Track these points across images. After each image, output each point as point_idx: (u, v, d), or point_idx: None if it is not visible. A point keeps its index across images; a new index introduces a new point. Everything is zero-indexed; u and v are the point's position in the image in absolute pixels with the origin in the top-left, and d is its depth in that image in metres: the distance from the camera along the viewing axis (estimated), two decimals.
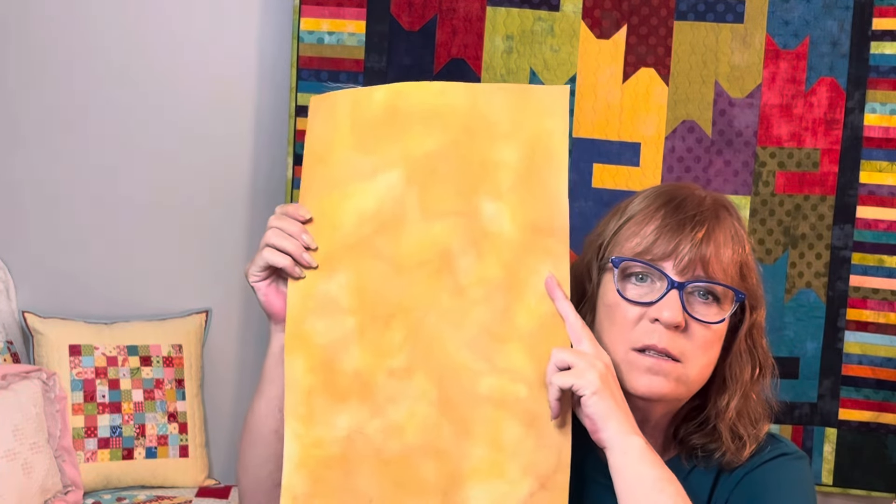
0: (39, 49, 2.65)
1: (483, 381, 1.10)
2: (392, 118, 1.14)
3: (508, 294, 1.10)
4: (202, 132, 2.68)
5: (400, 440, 1.10)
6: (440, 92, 1.15)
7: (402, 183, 1.12)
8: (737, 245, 1.14)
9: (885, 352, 2.54)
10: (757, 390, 1.18)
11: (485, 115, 1.13)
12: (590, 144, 2.55)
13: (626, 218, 1.17)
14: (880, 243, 2.53)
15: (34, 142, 2.67)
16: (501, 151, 1.12)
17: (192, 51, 2.66)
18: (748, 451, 1.16)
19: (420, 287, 1.11)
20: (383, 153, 1.13)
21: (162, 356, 2.60)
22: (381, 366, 1.11)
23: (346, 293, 1.12)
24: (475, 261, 1.11)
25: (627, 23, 2.53)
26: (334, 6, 2.50)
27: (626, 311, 1.13)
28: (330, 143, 1.15)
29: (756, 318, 1.17)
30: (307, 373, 1.12)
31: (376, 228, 1.12)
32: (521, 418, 1.09)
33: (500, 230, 1.11)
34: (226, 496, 2.51)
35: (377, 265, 1.12)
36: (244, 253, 2.68)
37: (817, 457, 2.59)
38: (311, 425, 1.11)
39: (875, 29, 2.50)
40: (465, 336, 1.10)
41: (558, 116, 1.12)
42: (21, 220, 2.69)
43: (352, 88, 1.18)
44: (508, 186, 1.11)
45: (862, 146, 2.52)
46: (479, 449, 1.09)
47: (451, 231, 1.11)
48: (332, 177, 1.14)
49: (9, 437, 2.25)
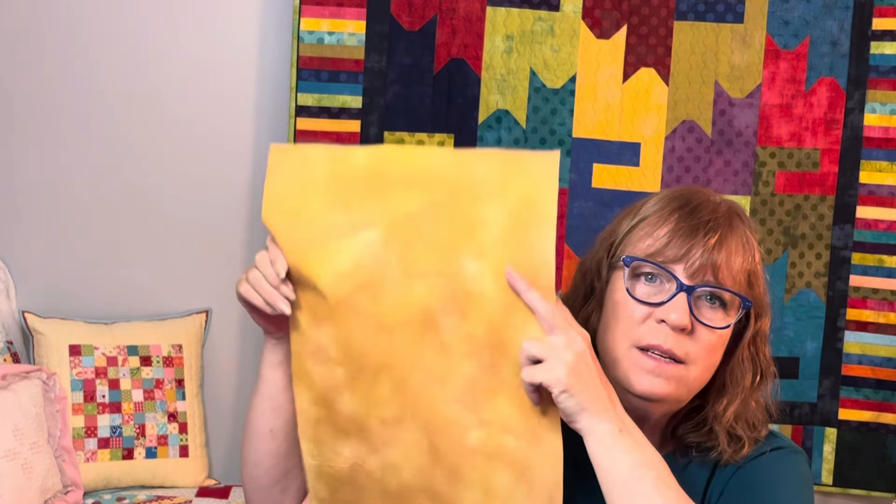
0: (39, 49, 2.65)
1: (471, 433, 1.09)
2: (374, 178, 1.10)
3: (494, 351, 1.07)
4: (202, 132, 2.68)
5: (397, 478, 1.11)
6: (427, 156, 1.12)
7: (381, 242, 1.09)
8: (747, 253, 1.16)
9: (885, 352, 2.54)
10: (757, 396, 1.19)
11: (471, 178, 1.08)
12: (590, 144, 2.55)
13: (639, 219, 1.18)
14: (880, 243, 2.54)
15: (34, 142, 2.67)
16: (485, 210, 1.07)
17: (193, 51, 2.66)
18: (746, 451, 1.16)
19: (404, 345, 1.09)
20: (362, 211, 1.10)
21: (162, 356, 2.60)
22: (372, 414, 1.11)
23: (334, 345, 1.11)
24: (458, 319, 1.08)
25: (627, 23, 2.53)
26: (334, 6, 2.50)
27: (633, 309, 1.13)
28: (303, 197, 1.12)
29: (761, 326, 1.18)
30: (312, 405, 1.13)
31: (356, 287, 1.09)
32: (512, 468, 1.08)
33: (482, 290, 1.07)
34: (226, 496, 2.51)
35: (359, 322, 1.10)
36: (244, 253, 2.68)
37: (817, 457, 2.59)
38: (319, 449, 1.15)
39: (875, 29, 2.50)
40: (452, 391, 1.09)
41: (548, 181, 1.07)
42: (21, 220, 2.69)
43: (325, 145, 1.14)
44: (491, 244, 1.07)
45: (862, 146, 2.52)
46: (472, 494, 1.10)
47: (431, 290, 1.08)
48: (309, 232, 1.11)
49: (9, 437, 2.25)
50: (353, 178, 1.11)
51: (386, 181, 1.10)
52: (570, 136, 2.54)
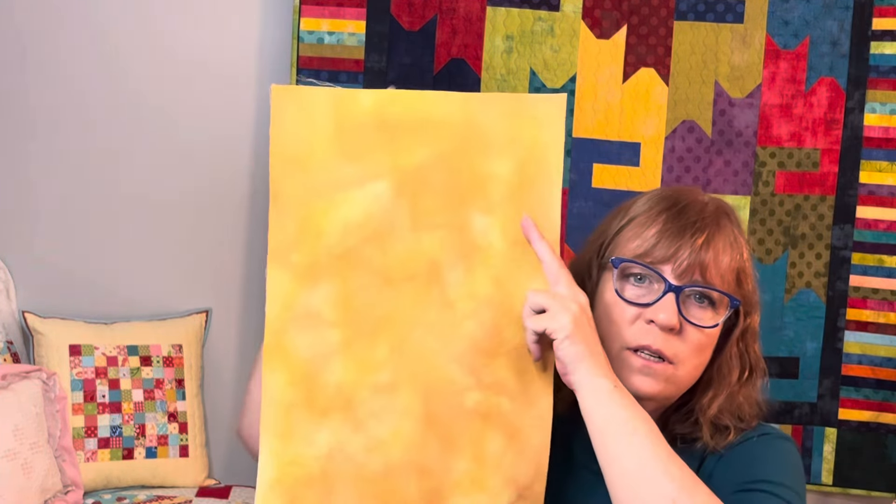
0: (40, 50, 2.65)
1: (469, 395, 1.10)
2: (381, 125, 1.10)
3: (498, 309, 1.10)
4: (202, 132, 2.68)
5: (382, 456, 1.09)
6: (434, 101, 1.11)
7: (391, 194, 1.10)
8: (735, 252, 1.16)
9: (885, 352, 2.54)
10: (746, 392, 1.20)
11: (479, 126, 1.10)
12: (590, 144, 2.55)
13: (628, 219, 1.19)
14: (880, 243, 2.54)
15: (34, 142, 2.67)
16: (494, 164, 1.10)
17: (193, 51, 2.66)
18: (732, 438, 1.17)
19: (408, 300, 1.10)
20: (371, 162, 1.10)
21: (162, 356, 2.60)
22: (364, 381, 1.10)
23: (331, 305, 1.10)
24: (464, 275, 1.10)
25: (627, 23, 2.53)
26: (334, 6, 2.50)
27: (623, 310, 1.15)
28: (309, 145, 1.10)
29: (749, 324, 1.19)
30: (287, 387, 1.10)
31: (364, 239, 1.10)
32: (504, 431, 1.09)
33: (489, 244, 1.10)
34: (226, 496, 2.51)
35: (364, 276, 1.10)
36: (244, 253, 2.68)
37: (817, 457, 2.59)
38: (289, 442, 1.09)
39: (875, 29, 2.50)
40: (453, 351, 1.10)
41: (555, 126, 1.10)
42: (21, 220, 2.69)
43: (331, 87, 1.13)
44: (499, 200, 1.10)
45: (862, 146, 2.52)
46: (463, 463, 1.10)
47: (440, 244, 1.10)
48: (314, 183, 1.10)
49: (9, 437, 2.25)
50: (360, 126, 1.10)
51: (394, 129, 1.10)
52: (569, 136, 2.54)
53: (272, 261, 1.11)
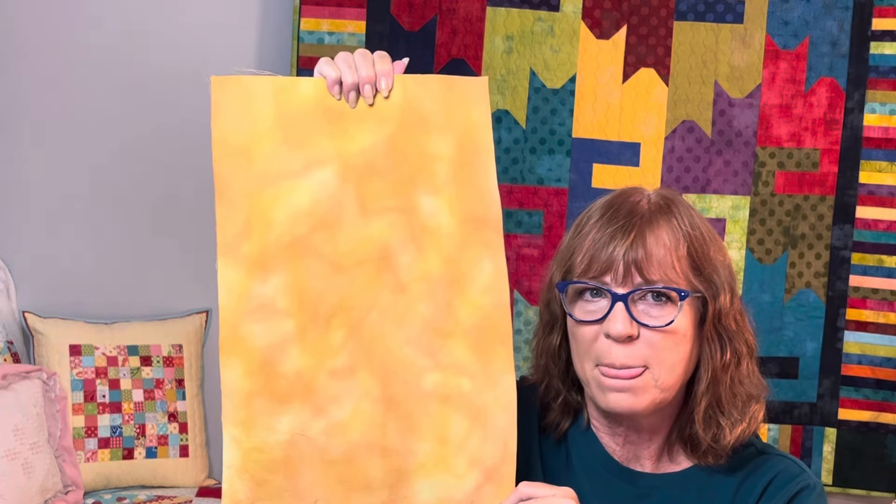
0: (39, 49, 2.65)
1: (427, 377, 1.09)
2: (323, 112, 1.11)
3: (450, 289, 1.10)
4: (202, 132, 2.67)
5: (344, 439, 1.09)
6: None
7: (337, 180, 1.10)
8: (679, 241, 1.11)
9: (885, 352, 2.54)
10: (734, 374, 1.15)
11: (419, 107, 1.11)
12: (590, 144, 2.55)
13: (576, 232, 1.16)
14: (880, 243, 2.54)
15: (34, 142, 2.67)
16: (436, 144, 1.10)
17: (193, 51, 2.66)
18: (728, 440, 1.14)
19: (360, 285, 1.09)
20: (315, 148, 1.10)
21: (162, 356, 2.60)
22: (322, 366, 1.09)
23: (283, 295, 1.09)
24: (415, 257, 1.09)
25: (627, 23, 2.53)
26: (334, 6, 2.50)
27: (583, 331, 1.12)
28: (252, 135, 1.11)
29: (720, 306, 1.13)
30: (246, 376, 1.09)
31: (312, 226, 1.09)
32: (466, 412, 1.09)
33: (438, 224, 1.10)
34: None
35: (315, 264, 1.09)
36: None
37: (817, 457, 2.59)
38: (251, 430, 1.09)
39: (875, 29, 2.50)
40: (408, 333, 1.09)
41: (482, 107, 1.12)
42: (21, 220, 2.69)
43: (270, 76, 1.13)
44: (445, 180, 1.10)
45: (861, 146, 2.52)
46: (425, 444, 1.09)
47: (390, 228, 1.10)
48: (259, 172, 1.10)
49: (9, 437, 2.25)
50: (302, 113, 1.11)
51: (336, 115, 1.11)
52: (569, 136, 2.54)
53: (222, 254, 1.11)
